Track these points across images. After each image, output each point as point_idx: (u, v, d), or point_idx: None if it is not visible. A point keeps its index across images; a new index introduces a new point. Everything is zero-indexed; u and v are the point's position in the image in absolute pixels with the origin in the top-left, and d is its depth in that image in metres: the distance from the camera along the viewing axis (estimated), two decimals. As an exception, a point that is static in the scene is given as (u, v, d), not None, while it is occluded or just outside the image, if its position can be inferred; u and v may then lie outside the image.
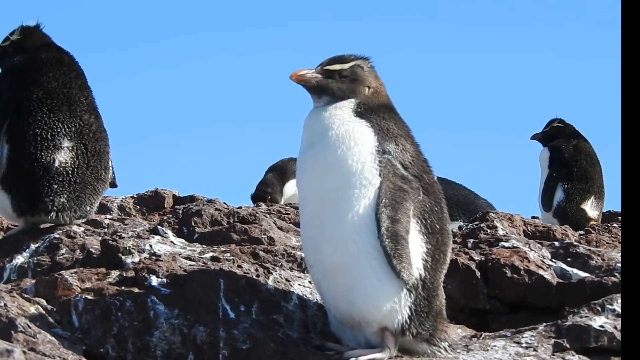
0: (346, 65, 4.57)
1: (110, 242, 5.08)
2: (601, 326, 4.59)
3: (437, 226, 4.42)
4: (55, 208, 5.59)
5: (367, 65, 4.62)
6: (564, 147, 9.76)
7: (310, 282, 4.83)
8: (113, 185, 6.08)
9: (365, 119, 4.46)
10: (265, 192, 10.80)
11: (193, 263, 4.90)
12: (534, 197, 9.90)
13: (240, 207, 6.02)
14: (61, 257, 5.22)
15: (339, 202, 4.32)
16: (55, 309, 4.54)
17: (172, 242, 5.27)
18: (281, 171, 10.97)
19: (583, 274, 5.22)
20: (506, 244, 5.44)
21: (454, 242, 5.51)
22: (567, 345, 4.54)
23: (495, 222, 6.06)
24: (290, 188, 10.77)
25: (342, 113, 4.47)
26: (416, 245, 4.34)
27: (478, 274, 5.18)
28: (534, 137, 10.14)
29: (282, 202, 10.43)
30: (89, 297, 4.55)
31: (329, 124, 4.43)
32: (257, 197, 10.71)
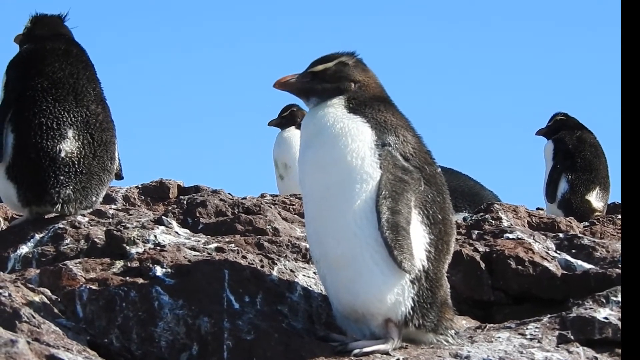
0: (330, 64, 4.54)
1: (114, 232, 5.09)
2: (605, 318, 4.58)
3: (439, 216, 4.41)
4: (61, 200, 5.59)
5: (352, 60, 4.58)
6: (567, 138, 9.73)
7: (314, 272, 4.83)
8: (119, 177, 6.06)
9: (360, 114, 4.44)
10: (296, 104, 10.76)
11: (197, 253, 4.90)
12: (539, 189, 9.90)
13: (244, 198, 6.02)
14: (65, 247, 5.22)
15: (341, 197, 4.31)
16: (59, 299, 4.54)
17: (176, 232, 5.27)
18: None
19: (587, 266, 5.21)
20: (511, 236, 5.44)
21: (459, 233, 5.50)
22: (572, 337, 4.53)
23: (499, 213, 6.05)
24: None
25: (335, 111, 4.45)
26: (418, 236, 4.34)
27: (482, 265, 5.17)
28: (538, 133, 10.13)
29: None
30: (94, 288, 4.55)
31: (324, 123, 4.42)
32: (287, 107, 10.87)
